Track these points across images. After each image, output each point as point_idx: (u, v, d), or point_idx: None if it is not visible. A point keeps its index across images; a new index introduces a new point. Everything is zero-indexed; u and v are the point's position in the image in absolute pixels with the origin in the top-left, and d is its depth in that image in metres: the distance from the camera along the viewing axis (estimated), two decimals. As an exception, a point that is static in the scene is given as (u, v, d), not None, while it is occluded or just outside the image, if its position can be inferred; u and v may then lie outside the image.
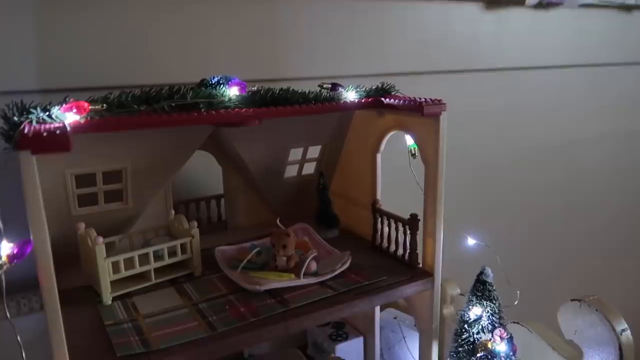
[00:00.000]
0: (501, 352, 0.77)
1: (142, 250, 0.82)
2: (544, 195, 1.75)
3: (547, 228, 1.78)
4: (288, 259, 0.85)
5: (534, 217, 1.74)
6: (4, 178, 0.81)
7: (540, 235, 1.77)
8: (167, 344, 0.66)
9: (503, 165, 1.63)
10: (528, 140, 1.67)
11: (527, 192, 1.70)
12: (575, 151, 1.79)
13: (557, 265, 1.82)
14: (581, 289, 0.90)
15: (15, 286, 0.92)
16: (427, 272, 0.87)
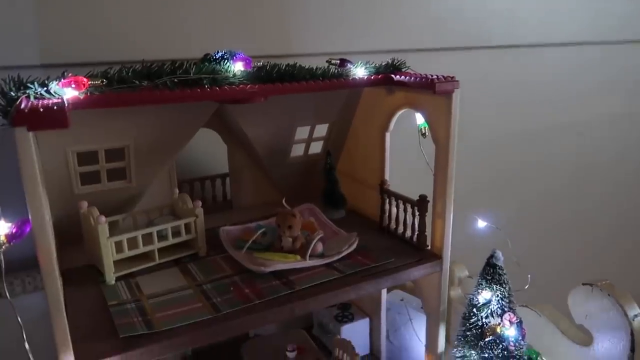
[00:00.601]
0: (510, 336, 0.75)
1: (146, 230, 0.80)
2: (556, 177, 1.72)
3: (560, 211, 1.75)
4: (294, 239, 0.83)
5: (546, 200, 1.71)
6: (2, 156, 0.80)
7: (553, 218, 1.74)
8: (171, 325, 0.65)
9: (515, 145, 1.59)
10: (542, 119, 1.63)
11: (539, 173, 1.67)
12: (589, 131, 1.75)
13: (568, 249, 1.80)
14: (593, 274, 0.88)
15: (20, 265, 0.92)
16: (436, 254, 0.85)
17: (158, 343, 0.63)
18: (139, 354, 0.62)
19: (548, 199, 1.72)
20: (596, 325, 0.84)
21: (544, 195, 1.70)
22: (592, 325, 0.85)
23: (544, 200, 1.71)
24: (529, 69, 1.56)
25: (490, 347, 0.76)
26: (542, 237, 1.71)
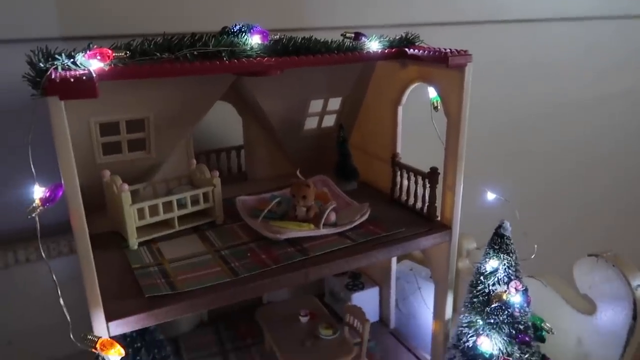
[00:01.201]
0: (515, 303, 0.78)
1: (166, 198, 0.84)
2: (565, 150, 1.73)
3: (568, 184, 1.76)
4: (308, 209, 0.86)
5: (554, 173, 1.72)
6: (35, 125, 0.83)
7: (560, 191, 1.75)
8: (192, 287, 0.69)
9: (525, 119, 1.60)
10: (552, 94, 1.63)
11: (549, 147, 1.68)
12: (600, 107, 1.75)
13: (575, 221, 1.82)
14: (598, 245, 0.90)
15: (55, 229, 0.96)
16: (445, 225, 0.88)
17: (181, 303, 0.67)
18: (164, 313, 0.66)
19: (556, 173, 1.73)
20: (600, 295, 0.87)
21: (552, 168, 1.71)
22: (596, 295, 0.88)
23: (553, 174, 1.72)
24: (543, 44, 1.55)
25: (496, 313, 0.79)
26: (549, 210, 1.73)
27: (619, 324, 0.84)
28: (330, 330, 0.94)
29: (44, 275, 1.02)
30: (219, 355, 1.04)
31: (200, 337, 1.10)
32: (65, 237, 1.01)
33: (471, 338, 0.82)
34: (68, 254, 1.02)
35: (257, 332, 1.08)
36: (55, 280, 0.58)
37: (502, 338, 0.79)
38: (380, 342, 1.08)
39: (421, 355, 1.03)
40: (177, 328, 1.10)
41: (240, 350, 1.06)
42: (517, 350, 0.79)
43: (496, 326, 0.79)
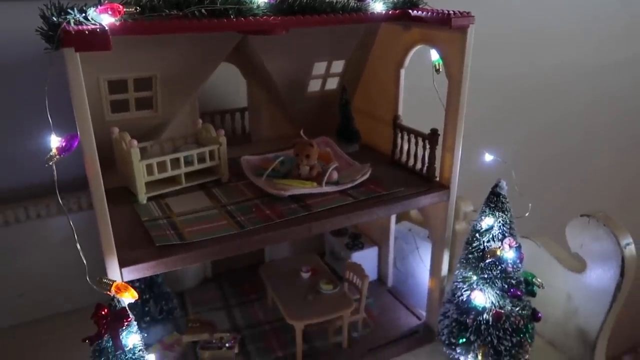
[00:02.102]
0: (509, 259, 0.82)
1: (174, 155, 0.86)
2: (564, 116, 1.74)
3: (565, 149, 1.78)
4: (311, 168, 0.89)
5: (552, 138, 1.74)
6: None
7: (557, 156, 1.78)
8: (200, 238, 0.72)
9: (526, 85, 1.61)
10: (554, 61, 1.64)
11: (548, 112, 1.69)
12: (601, 75, 1.76)
13: (570, 184, 1.85)
14: (591, 206, 0.93)
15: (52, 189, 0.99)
16: (444, 185, 0.90)
17: (190, 252, 0.70)
18: (173, 261, 0.69)
19: (554, 138, 1.74)
20: (590, 254, 0.90)
21: (550, 133, 1.73)
22: (586, 254, 0.91)
23: (550, 139, 1.73)
24: (547, 10, 1.55)
25: (490, 268, 0.83)
26: (545, 173, 1.76)
27: (607, 281, 0.88)
28: (331, 285, 0.98)
29: (53, 231, 1.06)
30: (223, 309, 1.09)
31: (205, 292, 1.14)
32: (75, 195, 1.04)
33: (465, 292, 0.86)
34: (77, 211, 1.05)
35: (260, 288, 1.13)
36: (72, 225, 0.60)
37: (495, 292, 0.83)
38: (378, 300, 1.12)
39: (417, 311, 1.07)
40: (182, 283, 1.14)
41: (244, 305, 1.10)
42: (508, 304, 0.83)
43: (489, 281, 0.83)
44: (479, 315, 0.84)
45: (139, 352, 0.62)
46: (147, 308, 0.96)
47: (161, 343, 0.96)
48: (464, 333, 0.86)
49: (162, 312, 0.98)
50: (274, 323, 1.04)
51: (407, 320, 1.05)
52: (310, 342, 0.98)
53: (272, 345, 0.98)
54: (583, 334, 0.94)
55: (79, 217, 1.04)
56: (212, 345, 0.95)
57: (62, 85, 0.59)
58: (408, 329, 1.02)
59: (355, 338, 0.99)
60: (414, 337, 1.00)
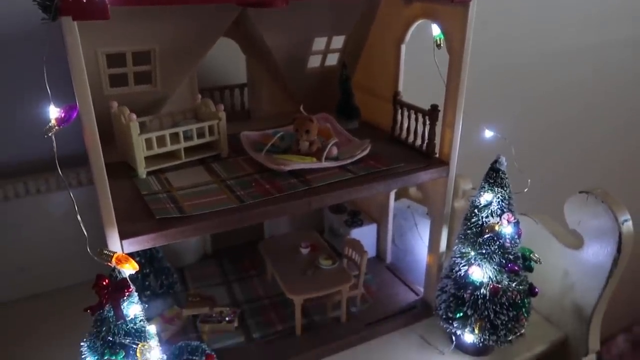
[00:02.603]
0: (507, 234, 0.82)
1: (173, 130, 0.86)
2: (564, 94, 1.73)
3: (565, 126, 1.78)
4: (310, 143, 0.89)
5: (552, 115, 1.73)
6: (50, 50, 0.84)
7: (557, 133, 1.77)
8: (200, 211, 0.73)
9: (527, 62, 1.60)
10: (555, 39, 1.63)
11: (548, 90, 1.68)
12: (601, 53, 1.75)
13: (570, 162, 1.85)
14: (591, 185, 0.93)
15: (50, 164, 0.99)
16: (443, 161, 0.90)
17: (189, 225, 0.70)
18: (173, 233, 0.69)
19: (554, 115, 1.74)
20: (588, 230, 0.91)
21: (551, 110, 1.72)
22: (584, 231, 0.92)
23: (551, 116, 1.72)
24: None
25: (488, 243, 0.83)
26: (544, 150, 1.75)
27: (604, 257, 0.89)
28: (330, 261, 0.99)
29: (53, 206, 1.06)
30: (223, 285, 1.10)
31: (205, 268, 1.15)
32: (74, 170, 1.04)
33: (463, 267, 0.86)
34: (77, 186, 1.05)
35: (259, 264, 1.14)
36: (71, 195, 0.60)
37: (493, 267, 0.84)
38: (376, 276, 1.13)
39: (415, 288, 1.08)
40: (182, 260, 1.15)
41: (243, 280, 1.11)
42: (506, 279, 0.84)
43: (487, 256, 0.83)
44: (477, 290, 0.85)
45: (140, 322, 0.63)
46: (147, 282, 0.97)
47: (162, 316, 0.97)
48: (461, 308, 0.87)
49: (163, 286, 0.99)
50: (273, 298, 1.05)
51: (405, 296, 1.06)
52: (309, 317, 0.99)
53: (271, 319, 0.99)
54: (579, 309, 0.95)
55: (79, 192, 1.04)
56: (212, 319, 0.96)
57: (61, 58, 0.58)
58: (406, 304, 1.04)
59: (354, 313, 1.00)
60: (412, 313, 1.01)
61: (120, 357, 0.61)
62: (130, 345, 0.62)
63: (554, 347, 0.98)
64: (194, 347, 0.89)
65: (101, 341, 0.61)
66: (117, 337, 0.61)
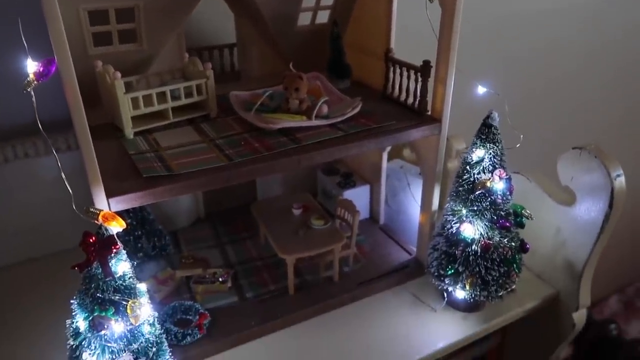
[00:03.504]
0: (498, 190, 0.82)
1: (160, 89, 0.84)
2: (560, 48, 1.70)
3: (560, 82, 1.75)
4: (300, 102, 0.87)
5: (546, 70, 1.70)
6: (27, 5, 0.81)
7: (552, 89, 1.74)
8: (188, 169, 0.72)
9: (520, 16, 1.56)
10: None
11: (542, 46, 1.65)
12: (600, 7, 1.71)
13: (564, 118, 1.83)
14: (584, 142, 0.92)
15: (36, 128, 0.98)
16: (435, 118, 0.89)
17: (177, 183, 0.70)
18: (161, 192, 0.69)
19: (549, 71, 1.71)
20: (580, 186, 0.91)
21: (545, 67, 1.69)
22: (576, 187, 0.91)
23: (545, 72, 1.70)
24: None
25: (479, 200, 0.83)
26: (538, 106, 1.73)
27: (595, 213, 0.89)
28: (322, 221, 0.98)
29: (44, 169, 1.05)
30: (216, 247, 1.10)
31: (198, 231, 1.15)
32: (63, 134, 1.03)
33: (455, 225, 0.86)
34: (65, 151, 1.04)
35: (253, 226, 1.13)
36: (55, 153, 0.59)
37: (484, 224, 0.84)
38: (369, 237, 1.13)
39: (408, 247, 1.08)
40: (175, 223, 1.15)
41: (237, 242, 1.11)
42: (497, 235, 0.84)
43: (479, 213, 0.83)
44: (468, 247, 0.85)
45: (129, 280, 0.63)
46: (139, 244, 0.97)
47: (155, 278, 0.97)
48: (452, 265, 0.87)
49: (155, 248, 0.99)
50: (266, 259, 1.05)
51: (397, 255, 1.07)
52: (302, 277, 1.00)
53: (264, 279, 1.00)
54: (570, 266, 0.96)
55: (68, 157, 1.03)
56: (205, 279, 0.96)
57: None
58: (399, 263, 1.04)
59: (347, 272, 1.01)
60: (404, 271, 1.02)
61: (110, 313, 0.61)
62: (120, 302, 0.62)
63: (545, 303, 0.99)
64: (187, 307, 0.90)
65: (90, 298, 0.61)
66: (106, 293, 0.61)
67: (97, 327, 0.61)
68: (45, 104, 0.57)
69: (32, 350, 0.87)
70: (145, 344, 0.65)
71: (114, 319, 0.61)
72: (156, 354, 0.68)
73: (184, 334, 0.84)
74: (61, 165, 0.62)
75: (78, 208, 0.62)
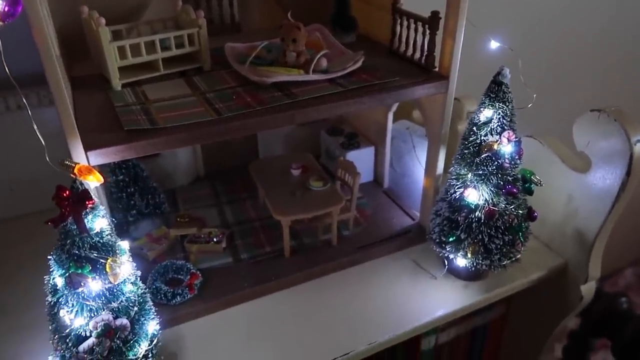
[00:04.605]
0: (506, 153, 0.76)
1: (148, 38, 0.80)
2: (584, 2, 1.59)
3: (581, 38, 1.63)
4: (298, 54, 0.82)
5: (568, 26, 1.59)
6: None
7: (572, 46, 1.63)
8: (173, 124, 0.68)
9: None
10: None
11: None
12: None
13: (583, 80, 1.72)
14: (602, 104, 0.86)
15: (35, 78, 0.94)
16: (443, 75, 0.83)
17: (160, 137, 0.66)
18: (143, 146, 0.65)
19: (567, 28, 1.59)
20: (597, 152, 0.84)
21: (563, 17, 1.58)
22: (592, 152, 0.85)
23: (563, 24, 1.58)
24: None
25: (485, 164, 0.77)
26: (556, 65, 1.62)
27: (611, 180, 0.83)
28: (321, 183, 0.94)
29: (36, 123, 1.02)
30: (214, 207, 1.07)
31: (197, 190, 1.13)
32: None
33: (458, 190, 0.81)
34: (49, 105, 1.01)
35: (253, 187, 1.10)
36: (28, 109, 0.56)
37: (489, 189, 0.79)
38: (372, 200, 1.09)
39: (412, 212, 1.04)
40: (174, 181, 1.12)
41: (235, 202, 1.08)
42: (503, 201, 0.79)
43: (484, 177, 0.78)
44: (471, 213, 0.80)
45: (107, 237, 0.60)
46: (133, 202, 0.94)
47: (149, 236, 0.95)
48: (454, 231, 0.83)
49: (149, 206, 0.97)
50: (264, 220, 1.02)
51: (400, 220, 1.03)
52: (299, 240, 0.97)
53: (261, 241, 0.97)
54: (581, 235, 0.91)
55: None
56: (200, 239, 0.94)
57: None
58: (401, 228, 1.00)
59: (346, 236, 0.98)
60: (405, 237, 0.98)
61: (87, 270, 0.58)
62: (97, 260, 0.59)
63: (552, 274, 0.95)
64: (179, 266, 0.88)
65: (66, 254, 0.58)
66: (82, 250, 0.58)
67: (74, 285, 0.59)
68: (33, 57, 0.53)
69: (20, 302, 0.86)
70: (126, 303, 0.63)
71: (91, 276, 0.59)
72: (138, 313, 0.66)
73: (173, 294, 0.82)
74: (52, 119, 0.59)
75: (52, 161, 0.59)
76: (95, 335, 0.61)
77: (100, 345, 0.61)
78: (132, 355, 0.64)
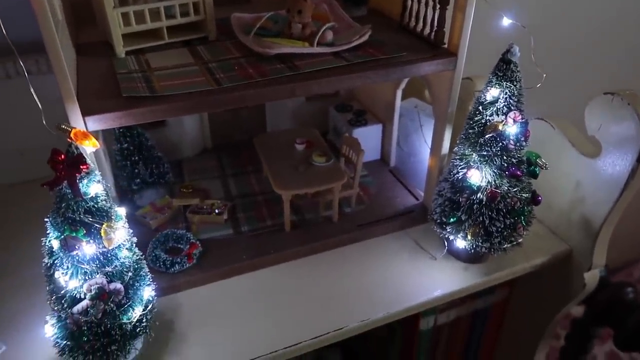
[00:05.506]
0: (511, 134, 0.74)
1: (153, 5, 0.79)
2: None
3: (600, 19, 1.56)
4: (304, 26, 0.80)
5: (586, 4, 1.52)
6: None
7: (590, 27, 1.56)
8: (172, 92, 0.68)
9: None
10: None
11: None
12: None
13: (595, 60, 1.65)
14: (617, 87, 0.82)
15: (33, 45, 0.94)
16: (452, 52, 0.81)
17: (159, 105, 0.66)
18: (142, 113, 0.65)
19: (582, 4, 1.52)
20: (608, 136, 0.82)
21: None
22: (603, 137, 0.82)
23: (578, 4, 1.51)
24: None
25: (489, 144, 0.76)
26: (571, 45, 1.55)
27: (622, 166, 0.80)
28: (324, 158, 0.94)
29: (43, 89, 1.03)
30: (219, 179, 1.08)
31: (203, 162, 1.13)
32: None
33: (461, 170, 0.80)
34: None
35: (258, 161, 1.09)
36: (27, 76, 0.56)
37: (493, 171, 0.77)
38: (378, 179, 1.08)
39: (417, 192, 1.03)
40: (181, 152, 1.13)
41: (240, 175, 1.09)
42: (506, 184, 0.77)
43: (488, 158, 0.76)
44: (473, 195, 0.79)
45: (102, 202, 0.61)
46: (137, 170, 0.95)
47: (152, 205, 0.96)
48: (455, 212, 0.82)
49: (153, 175, 0.97)
50: (267, 194, 1.02)
51: (404, 199, 1.02)
52: (301, 215, 0.97)
53: (262, 214, 0.97)
54: (587, 222, 0.89)
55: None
56: (202, 210, 0.95)
57: None
58: (404, 208, 0.99)
59: (348, 213, 0.97)
60: (407, 217, 0.97)
61: (81, 234, 0.59)
62: (92, 224, 0.60)
63: (555, 260, 0.93)
64: (179, 235, 0.89)
65: (62, 217, 0.59)
66: (77, 214, 0.59)
67: (68, 247, 0.60)
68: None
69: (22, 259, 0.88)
70: (120, 268, 0.64)
71: (85, 240, 0.60)
72: (133, 278, 0.67)
73: (172, 262, 0.83)
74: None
75: (49, 124, 0.59)
76: (89, 297, 0.62)
77: (94, 308, 0.62)
78: (126, 319, 0.65)
